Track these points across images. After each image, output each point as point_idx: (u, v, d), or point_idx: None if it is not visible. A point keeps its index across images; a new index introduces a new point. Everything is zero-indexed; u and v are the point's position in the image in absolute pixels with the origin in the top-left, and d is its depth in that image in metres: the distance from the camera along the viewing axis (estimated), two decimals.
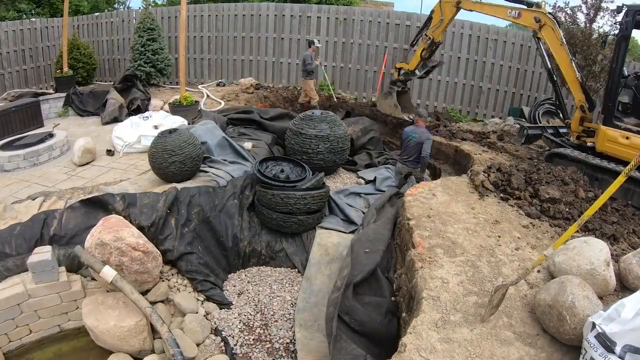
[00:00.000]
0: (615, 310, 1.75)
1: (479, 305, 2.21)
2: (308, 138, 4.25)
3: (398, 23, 7.35)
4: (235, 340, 2.79)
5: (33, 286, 2.67)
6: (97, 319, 2.59)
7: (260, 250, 3.46)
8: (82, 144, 4.38)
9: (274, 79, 8.08)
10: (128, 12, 8.63)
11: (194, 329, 2.73)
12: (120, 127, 5.03)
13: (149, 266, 2.77)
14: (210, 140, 4.13)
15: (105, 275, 2.59)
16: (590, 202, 2.99)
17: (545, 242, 2.76)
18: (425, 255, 2.56)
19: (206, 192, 3.41)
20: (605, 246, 2.17)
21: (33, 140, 4.62)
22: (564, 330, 1.88)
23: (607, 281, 2.10)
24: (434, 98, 7.53)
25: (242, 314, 2.99)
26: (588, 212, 1.74)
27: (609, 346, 1.69)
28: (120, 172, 4.15)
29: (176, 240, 3.09)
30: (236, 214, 3.46)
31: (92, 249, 2.66)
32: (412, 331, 2.09)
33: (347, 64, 7.73)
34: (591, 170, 3.80)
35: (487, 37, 7.08)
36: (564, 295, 1.91)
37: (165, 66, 7.56)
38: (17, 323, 2.68)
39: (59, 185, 3.85)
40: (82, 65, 7.37)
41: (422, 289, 2.39)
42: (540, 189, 3.12)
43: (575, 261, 2.15)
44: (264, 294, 3.17)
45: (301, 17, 7.67)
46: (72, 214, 3.03)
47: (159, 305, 2.87)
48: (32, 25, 7.51)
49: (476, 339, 2.01)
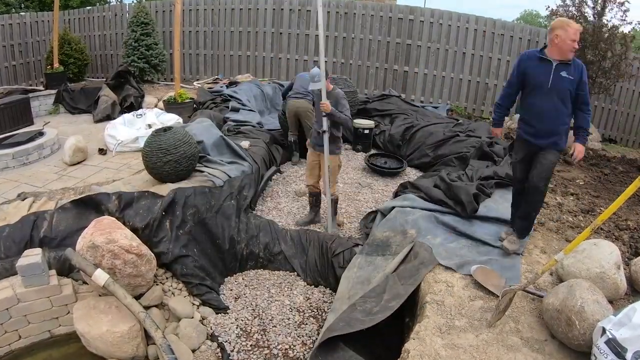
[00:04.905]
0: (626, 315, 1.70)
1: (485, 310, 2.15)
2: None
3: (401, 17, 7.21)
4: (232, 346, 2.72)
5: (22, 290, 2.59)
6: (89, 324, 2.52)
7: (258, 252, 3.38)
8: (73, 142, 4.29)
9: (272, 76, 7.96)
10: (121, 6, 8.47)
11: (190, 334, 2.67)
12: (113, 125, 4.92)
13: (142, 269, 2.70)
14: (207, 139, 4.04)
15: (97, 279, 2.52)
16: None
17: (554, 246, 2.71)
18: None
19: (202, 192, 3.32)
20: (615, 249, 2.12)
21: (22, 139, 4.51)
22: (573, 336, 1.83)
23: (618, 285, 2.06)
24: (438, 95, 7.43)
25: (239, 319, 2.92)
26: (602, 217, 1.67)
27: (619, 352, 1.65)
28: (113, 172, 4.07)
29: (171, 242, 3.01)
30: (233, 215, 3.38)
31: (83, 252, 2.59)
32: (415, 337, 2.04)
33: (348, 60, 7.61)
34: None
35: (494, 32, 6.94)
36: (572, 299, 1.86)
37: (160, 62, 7.42)
38: (5, 328, 2.61)
39: (50, 185, 3.77)
40: (73, 61, 7.22)
41: (426, 292, 2.33)
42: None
43: (585, 264, 2.09)
44: (262, 298, 3.10)
45: (300, 11, 7.54)
46: (63, 215, 2.94)
47: (153, 309, 2.80)
48: (21, 19, 7.32)
49: (482, 344, 1.96)
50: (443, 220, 3.01)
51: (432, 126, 5.32)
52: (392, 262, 2.68)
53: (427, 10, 7.23)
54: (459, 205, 3.04)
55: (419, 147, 5.10)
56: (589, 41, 5.57)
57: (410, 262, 2.64)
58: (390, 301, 2.32)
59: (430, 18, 7.10)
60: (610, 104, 6.98)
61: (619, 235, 2.93)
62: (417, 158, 5.08)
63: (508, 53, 6.99)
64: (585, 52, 5.55)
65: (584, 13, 5.73)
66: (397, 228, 3.02)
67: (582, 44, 5.65)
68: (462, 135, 5.03)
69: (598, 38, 5.50)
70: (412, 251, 2.73)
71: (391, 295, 2.36)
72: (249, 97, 6.16)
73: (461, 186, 3.17)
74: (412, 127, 5.37)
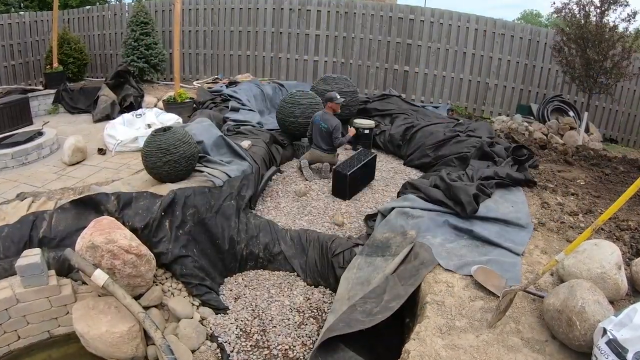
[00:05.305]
0: (627, 316, 1.69)
1: (486, 311, 2.15)
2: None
3: (401, 17, 7.20)
4: (232, 347, 2.72)
5: (21, 290, 2.58)
6: (88, 324, 2.52)
7: (258, 253, 3.37)
8: (72, 142, 4.28)
9: (272, 75, 7.95)
10: (120, 6, 8.46)
11: (189, 335, 2.66)
12: (112, 125, 4.92)
13: (142, 270, 2.70)
14: (206, 139, 4.03)
15: (97, 279, 2.51)
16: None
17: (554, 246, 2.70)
18: None
19: (201, 192, 3.31)
20: (616, 249, 2.11)
21: (22, 139, 4.51)
22: (574, 336, 1.83)
23: (619, 285, 2.05)
24: (438, 95, 7.42)
25: (239, 319, 2.91)
26: (603, 217, 1.66)
27: (620, 353, 1.64)
28: (112, 172, 4.06)
29: (170, 242, 3.01)
30: (233, 215, 3.37)
31: (82, 252, 2.58)
32: (415, 337, 2.03)
33: (348, 60, 7.60)
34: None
35: (494, 32, 6.93)
36: (573, 299, 1.85)
37: (159, 61, 7.41)
38: (4, 329, 2.60)
39: (49, 185, 3.76)
40: (72, 61, 7.21)
41: (426, 293, 2.33)
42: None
43: (586, 264, 2.09)
44: (262, 298, 3.09)
45: (300, 11, 7.52)
46: (62, 215, 2.94)
47: (152, 310, 2.79)
48: (20, 19, 7.32)
49: (482, 345, 1.95)
50: (443, 221, 3.01)
51: (433, 126, 5.31)
52: (392, 262, 2.67)
53: (428, 10, 7.22)
54: (459, 206, 3.03)
55: (419, 147, 5.08)
56: (591, 40, 5.56)
57: (410, 262, 2.64)
58: (391, 302, 2.31)
59: (430, 17, 7.09)
60: (611, 104, 6.97)
61: (620, 235, 2.92)
62: (418, 158, 5.07)
63: (509, 53, 6.98)
64: (587, 52, 5.54)
65: (587, 12, 5.72)
66: (397, 229, 3.01)
67: (584, 43, 5.64)
68: (463, 135, 5.02)
69: (600, 37, 5.49)
70: (412, 251, 2.72)
71: (391, 296, 2.35)
72: (249, 96, 6.15)
73: (461, 186, 3.15)
74: (412, 127, 5.36)
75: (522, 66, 7.01)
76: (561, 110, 6.71)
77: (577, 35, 5.76)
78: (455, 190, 3.12)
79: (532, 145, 5.48)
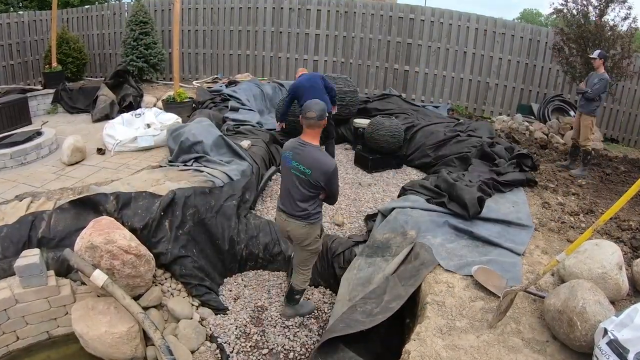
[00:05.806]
0: (628, 316, 1.69)
1: (486, 311, 2.14)
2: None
3: (401, 16, 7.19)
4: (232, 347, 2.71)
5: (20, 291, 2.58)
6: (88, 325, 2.51)
7: (258, 253, 3.37)
8: (71, 142, 4.26)
9: (271, 75, 7.93)
10: (120, 5, 8.42)
11: (189, 335, 2.66)
12: (111, 125, 4.89)
13: (141, 270, 2.68)
14: (206, 139, 4.02)
15: (96, 280, 2.50)
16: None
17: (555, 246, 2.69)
18: None
19: (202, 192, 3.30)
20: (617, 249, 2.10)
21: (20, 139, 4.48)
22: (575, 337, 1.82)
23: (620, 285, 2.04)
24: (438, 94, 7.41)
25: (239, 319, 2.91)
26: (604, 217, 1.65)
27: (621, 353, 1.64)
28: (111, 172, 4.04)
29: (170, 242, 3.00)
30: (233, 215, 3.36)
31: (82, 252, 2.57)
32: (416, 338, 2.03)
33: (348, 59, 7.59)
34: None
35: (495, 31, 6.91)
36: (574, 300, 1.84)
37: (159, 61, 7.39)
38: (3, 329, 2.59)
39: (48, 185, 3.74)
40: (71, 60, 7.19)
41: (427, 293, 2.32)
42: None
43: (586, 265, 2.08)
44: (262, 299, 3.09)
45: (300, 10, 7.51)
46: (61, 216, 2.92)
47: (151, 310, 2.78)
48: (19, 18, 7.30)
49: (483, 345, 1.94)
50: (443, 221, 3.00)
51: (433, 126, 5.30)
52: (392, 263, 2.66)
53: (428, 9, 7.20)
54: (462, 208, 3.01)
55: (420, 147, 5.08)
56: (591, 40, 5.55)
57: (410, 262, 2.63)
58: (391, 302, 2.30)
59: (430, 17, 7.08)
60: (612, 104, 6.96)
61: (621, 235, 2.91)
62: (418, 158, 5.06)
63: (509, 52, 6.96)
64: (588, 51, 5.54)
65: (587, 12, 5.71)
66: (397, 229, 3.00)
67: (584, 42, 5.63)
68: (463, 135, 5.01)
69: (600, 36, 5.48)
70: (413, 252, 2.71)
71: (392, 297, 2.35)
72: (249, 96, 6.14)
73: (464, 188, 3.13)
74: (412, 126, 5.35)
75: (522, 66, 7.00)
76: (562, 110, 6.70)
77: (577, 35, 5.75)
78: (459, 192, 3.09)
79: (533, 145, 5.47)
